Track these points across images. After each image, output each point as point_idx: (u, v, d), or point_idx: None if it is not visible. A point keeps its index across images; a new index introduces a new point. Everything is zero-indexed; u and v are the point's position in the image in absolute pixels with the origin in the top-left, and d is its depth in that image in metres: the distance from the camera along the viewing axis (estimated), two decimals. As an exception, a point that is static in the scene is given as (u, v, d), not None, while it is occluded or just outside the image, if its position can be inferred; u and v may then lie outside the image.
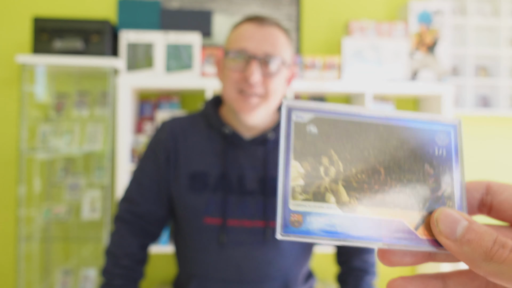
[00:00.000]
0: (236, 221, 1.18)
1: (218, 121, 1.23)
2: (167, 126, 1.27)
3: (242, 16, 2.76)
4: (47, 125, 2.49)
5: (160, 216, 1.28)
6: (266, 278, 1.20)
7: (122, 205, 1.28)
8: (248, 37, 1.14)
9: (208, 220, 1.19)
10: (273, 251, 1.20)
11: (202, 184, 1.20)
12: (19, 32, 2.65)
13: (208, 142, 1.23)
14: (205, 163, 1.21)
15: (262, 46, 1.13)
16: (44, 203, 2.51)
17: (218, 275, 1.19)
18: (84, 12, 2.68)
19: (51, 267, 2.58)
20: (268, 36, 1.14)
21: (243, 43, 1.14)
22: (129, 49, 2.38)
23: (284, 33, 1.19)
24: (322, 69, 2.51)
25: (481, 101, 2.85)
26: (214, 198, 1.18)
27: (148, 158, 1.27)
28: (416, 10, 2.56)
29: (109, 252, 1.24)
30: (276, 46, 1.15)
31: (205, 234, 1.20)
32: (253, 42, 1.13)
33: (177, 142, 1.24)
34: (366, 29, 2.55)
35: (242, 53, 1.13)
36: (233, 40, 1.17)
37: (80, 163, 2.60)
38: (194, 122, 1.28)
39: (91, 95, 2.57)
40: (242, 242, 1.18)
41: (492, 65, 2.88)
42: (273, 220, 1.19)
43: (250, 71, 1.12)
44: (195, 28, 2.45)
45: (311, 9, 2.82)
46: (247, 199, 1.19)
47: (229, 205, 1.18)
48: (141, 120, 2.62)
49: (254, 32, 1.14)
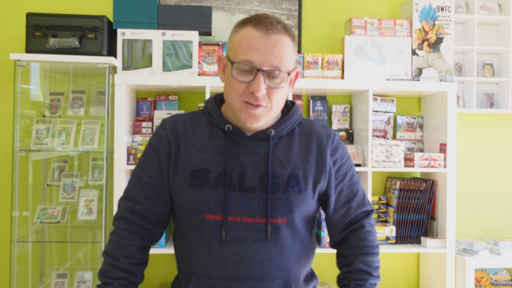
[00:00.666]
0: (237, 218, 1.18)
1: (220, 118, 1.24)
2: (168, 123, 1.27)
3: (242, 14, 2.71)
4: (41, 124, 2.43)
5: (161, 215, 1.27)
6: (267, 277, 1.18)
7: (123, 204, 1.26)
8: (254, 48, 1.12)
9: (209, 217, 1.18)
10: (274, 249, 1.18)
11: (203, 181, 1.19)
12: (14, 30, 2.60)
13: (209, 139, 1.23)
14: (206, 160, 1.21)
15: (268, 59, 1.12)
16: (38, 204, 2.46)
17: (218, 273, 1.18)
18: (79, 8, 2.63)
19: (46, 270, 2.53)
20: (275, 47, 1.13)
21: (249, 55, 1.12)
22: (126, 47, 2.33)
23: (290, 38, 1.17)
24: (324, 67, 2.46)
25: (486, 99, 2.79)
26: (215, 194, 1.18)
27: (149, 155, 1.26)
28: (420, 6, 2.51)
29: (108, 254, 1.23)
30: (282, 58, 1.14)
31: (206, 230, 1.19)
32: (259, 54, 1.12)
33: (178, 138, 1.24)
34: (368, 26, 2.50)
35: (248, 64, 1.13)
36: (238, 47, 1.15)
37: (76, 163, 2.55)
38: (196, 119, 1.28)
39: (87, 94, 2.52)
40: (242, 239, 1.17)
41: (497, 63, 2.82)
42: (274, 217, 1.18)
43: (256, 85, 1.12)
44: (193, 25, 2.40)
45: (312, 6, 2.76)
46: (247, 196, 1.18)
47: (230, 201, 1.18)
48: (138, 119, 2.56)
49: (260, 42, 1.12)
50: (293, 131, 1.26)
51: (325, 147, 1.25)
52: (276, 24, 1.14)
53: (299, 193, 1.20)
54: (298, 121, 1.28)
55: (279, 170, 1.20)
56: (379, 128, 2.63)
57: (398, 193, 2.52)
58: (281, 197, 1.19)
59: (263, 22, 1.14)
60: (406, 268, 2.78)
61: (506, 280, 2.61)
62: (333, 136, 1.29)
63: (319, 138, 1.26)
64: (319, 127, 1.30)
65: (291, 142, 1.24)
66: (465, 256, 2.46)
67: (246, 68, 1.13)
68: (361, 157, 2.49)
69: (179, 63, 2.36)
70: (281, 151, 1.22)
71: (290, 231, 1.21)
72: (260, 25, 1.13)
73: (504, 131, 2.85)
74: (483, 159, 2.84)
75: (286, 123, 1.24)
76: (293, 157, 1.22)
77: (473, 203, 2.83)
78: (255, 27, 1.14)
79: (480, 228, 2.83)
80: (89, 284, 2.46)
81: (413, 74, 2.51)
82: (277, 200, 1.18)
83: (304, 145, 1.25)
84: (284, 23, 1.18)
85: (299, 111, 1.30)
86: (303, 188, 1.21)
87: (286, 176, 1.20)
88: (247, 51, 1.12)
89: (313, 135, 1.27)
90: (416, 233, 2.53)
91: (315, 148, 1.25)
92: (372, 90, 2.43)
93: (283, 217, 1.19)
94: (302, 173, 1.22)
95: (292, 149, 1.23)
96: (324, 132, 1.28)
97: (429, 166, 2.46)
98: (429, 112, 2.67)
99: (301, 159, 1.23)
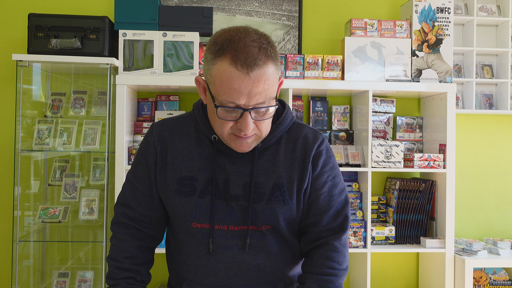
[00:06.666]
0: (223, 226, 1.18)
1: (206, 127, 1.21)
2: (155, 130, 1.25)
3: (243, 15, 2.72)
4: (43, 124, 2.44)
5: (156, 220, 1.27)
6: (256, 283, 1.19)
7: (118, 209, 1.27)
8: (236, 90, 1.05)
9: (196, 225, 1.19)
10: (262, 256, 1.19)
11: (190, 189, 1.19)
12: (16, 30, 2.61)
13: (196, 146, 1.22)
14: (193, 168, 1.20)
15: (253, 98, 1.06)
16: (40, 204, 2.47)
17: (208, 280, 1.19)
18: (81, 9, 2.64)
19: (47, 269, 2.54)
20: (258, 84, 1.05)
21: (232, 96, 1.06)
22: (127, 48, 2.34)
23: (272, 63, 1.08)
24: (324, 68, 2.47)
25: (485, 100, 2.80)
26: (201, 203, 1.18)
27: (140, 161, 1.26)
28: (420, 8, 2.52)
29: (111, 258, 1.25)
30: (267, 91, 1.07)
31: (194, 238, 1.20)
32: (243, 96, 1.05)
33: (165, 145, 1.22)
34: (368, 27, 2.51)
35: (233, 107, 1.07)
36: (219, 87, 1.07)
37: (77, 163, 2.56)
38: (184, 123, 1.25)
39: (88, 94, 2.53)
40: (230, 247, 1.18)
41: (496, 64, 2.84)
42: (256, 225, 1.17)
43: (244, 125, 1.09)
44: (194, 25, 2.41)
45: (312, 7, 2.78)
46: (231, 204, 1.18)
47: (217, 210, 1.18)
48: (139, 119, 2.58)
49: (241, 82, 1.04)
50: (281, 138, 1.22)
51: (309, 152, 1.21)
52: (256, 56, 1.05)
53: (283, 202, 1.17)
54: (287, 128, 1.24)
55: (263, 180, 1.18)
56: (379, 129, 2.64)
57: (398, 193, 2.53)
58: (264, 207, 1.17)
59: (242, 56, 1.04)
60: (405, 268, 2.79)
61: (505, 280, 2.63)
62: (320, 141, 1.23)
63: (305, 143, 1.22)
64: (308, 131, 1.24)
65: (277, 150, 1.21)
66: (464, 256, 2.47)
67: (231, 109, 1.08)
68: (361, 158, 2.51)
69: (180, 64, 2.37)
70: (266, 160, 1.20)
71: (276, 237, 1.20)
72: (239, 61, 1.04)
73: (503, 131, 2.86)
74: (482, 159, 2.85)
75: (274, 133, 1.20)
76: (278, 165, 1.19)
77: (472, 203, 2.84)
78: (234, 64, 1.04)
79: (479, 228, 2.84)
80: (90, 283, 2.47)
81: (412, 75, 2.52)
82: (260, 210, 1.17)
83: (290, 153, 1.21)
84: (265, 46, 1.07)
85: (290, 115, 1.25)
86: (287, 198, 1.18)
87: (270, 185, 1.18)
88: (230, 92, 1.06)
89: (300, 141, 1.22)
90: (416, 233, 2.54)
91: (300, 153, 1.21)
92: (372, 91, 2.45)
93: (268, 224, 1.18)
94: (287, 182, 1.18)
95: (278, 157, 1.20)
96: (312, 137, 1.23)
97: (429, 167, 2.47)
98: (429, 112, 2.68)
99: (286, 167, 1.20)
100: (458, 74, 2.78)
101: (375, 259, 2.73)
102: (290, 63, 2.46)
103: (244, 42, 1.06)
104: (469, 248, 2.57)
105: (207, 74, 1.11)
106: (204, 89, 1.17)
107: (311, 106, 2.67)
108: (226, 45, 1.06)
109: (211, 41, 1.11)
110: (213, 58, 1.08)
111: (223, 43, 1.07)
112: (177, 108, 2.58)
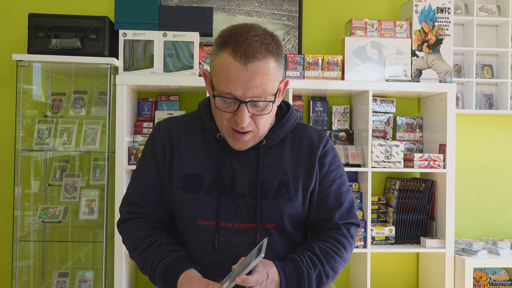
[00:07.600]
0: (229, 224, 1.19)
1: (211, 126, 1.23)
2: (162, 127, 1.26)
3: (243, 15, 2.72)
4: (43, 124, 2.45)
5: (163, 218, 1.27)
6: None
7: (123, 209, 1.26)
8: (234, 80, 1.07)
9: (201, 222, 1.19)
10: (266, 253, 1.18)
11: (196, 186, 1.19)
12: (16, 30, 2.61)
13: (202, 144, 1.23)
14: (200, 165, 1.21)
15: (249, 90, 1.08)
16: (40, 204, 2.47)
17: (212, 277, 1.18)
18: (81, 9, 2.64)
19: (47, 269, 2.54)
20: (255, 77, 1.07)
21: (230, 87, 1.08)
22: (127, 48, 2.34)
23: (273, 59, 1.10)
24: (324, 68, 2.47)
25: (485, 100, 2.81)
26: (208, 200, 1.19)
27: (147, 159, 1.25)
28: (420, 8, 2.52)
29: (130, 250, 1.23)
30: (264, 86, 1.09)
31: (199, 235, 1.20)
32: (240, 86, 1.07)
33: (172, 142, 1.23)
34: (368, 27, 2.51)
35: (230, 98, 1.10)
36: (219, 77, 1.10)
37: (77, 163, 2.56)
38: (189, 123, 1.27)
39: (88, 94, 2.53)
40: (235, 244, 1.18)
41: (496, 64, 2.84)
42: (262, 223, 1.18)
43: (240, 117, 1.10)
44: (194, 25, 2.41)
45: (312, 7, 2.78)
46: (238, 202, 1.19)
47: (223, 207, 1.19)
48: (139, 119, 2.58)
49: (239, 73, 1.07)
50: (286, 137, 1.24)
51: (315, 152, 1.23)
52: (256, 49, 1.07)
53: (289, 200, 1.19)
54: (291, 128, 1.25)
55: (269, 177, 1.19)
56: (379, 129, 2.65)
57: (398, 193, 2.53)
58: (270, 204, 1.18)
59: (242, 48, 1.07)
60: (405, 268, 2.80)
61: (505, 279, 2.63)
62: (325, 141, 1.26)
63: (311, 143, 1.24)
64: (313, 132, 1.27)
65: (282, 148, 1.23)
66: (464, 256, 2.47)
67: (228, 100, 1.10)
68: (361, 158, 2.51)
69: (180, 64, 2.37)
70: (272, 157, 1.21)
71: (281, 235, 1.21)
72: (239, 52, 1.07)
73: (503, 131, 2.86)
74: (482, 159, 2.85)
75: (279, 131, 1.22)
76: (284, 163, 1.21)
77: (472, 203, 2.84)
78: (233, 54, 1.07)
79: (479, 228, 2.84)
80: (90, 283, 2.47)
81: (412, 75, 2.52)
82: (266, 207, 1.18)
83: (296, 152, 1.23)
84: (267, 41, 1.10)
85: (294, 116, 1.27)
86: (293, 196, 1.19)
87: (276, 183, 1.19)
88: (227, 83, 1.08)
89: (305, 141, 1.24)
90: (416, 233, 2.55)
91: (306, 153, 1.23)
92: (372, 91, 2.45)
93: (273, 222, 1.19)
94: (293, 180, 1.20)
95: (284, 155, 1.22)
96: (317, 137, 1.25)
97: (429, 167, 2.47)
98: (429, 112, 2.69)
99: (292, 165, 1.21)
100: (458, 74, 2.78)
101: (375, 259, 2.73)
102: (290, 63, 2.46)
103: (247, 36, 1.09)
104: (469, 248, 2.57)
105: (211, 65, 1.15)
106: (210, 81, 1.19)
107: (311, 106, 2.67)
108: (230, 38, 1.10)
109: (219, 35, 1.14)
110: (217, 49, 1.12)
111: (227, 36, 1.11)
112: (177, 108, 2.58)
